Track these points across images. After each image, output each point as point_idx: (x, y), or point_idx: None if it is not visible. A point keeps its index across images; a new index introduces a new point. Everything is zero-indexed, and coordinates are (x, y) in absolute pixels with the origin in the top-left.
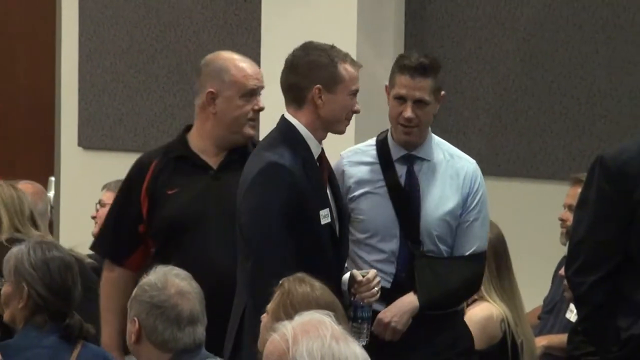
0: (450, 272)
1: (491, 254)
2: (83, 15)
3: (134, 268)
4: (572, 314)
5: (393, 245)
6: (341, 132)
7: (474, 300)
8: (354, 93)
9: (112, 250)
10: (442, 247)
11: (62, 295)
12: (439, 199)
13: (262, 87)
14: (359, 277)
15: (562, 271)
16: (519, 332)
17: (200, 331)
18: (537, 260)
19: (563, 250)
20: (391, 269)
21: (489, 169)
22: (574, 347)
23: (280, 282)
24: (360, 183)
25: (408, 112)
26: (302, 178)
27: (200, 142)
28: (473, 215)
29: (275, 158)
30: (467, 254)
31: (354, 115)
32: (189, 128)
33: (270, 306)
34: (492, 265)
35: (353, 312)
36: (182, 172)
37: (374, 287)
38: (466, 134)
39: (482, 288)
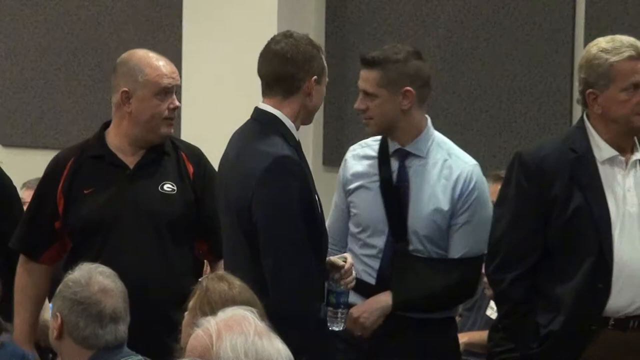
0: (434, 274)
1: None
2: (2, 12)
3: (48, 262)
4: (492, 311)
5: (381, 241)
6: (311, 122)
7: None
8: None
9: (27, 246)
10: (432, 248)
11: None
12: (428, 198)
13: (177, 85)
14: (341, 263)
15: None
16: None
17: (123, 329)
18: None
19: None
20: (377, 265)
21: None
22: (494, 344)
23: (200, 279)
24: (356, 176)
25: (356, 103)
26: (303, 166)
27: (117, 140)
28: (464, 218)
29: (277, 151)
30: (456, 257)
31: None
32: (107, 125)
33: (189, 304)
34: None
35: (335, 298)
36: (99, 171)
37: (352, 272)
38: None
39: None
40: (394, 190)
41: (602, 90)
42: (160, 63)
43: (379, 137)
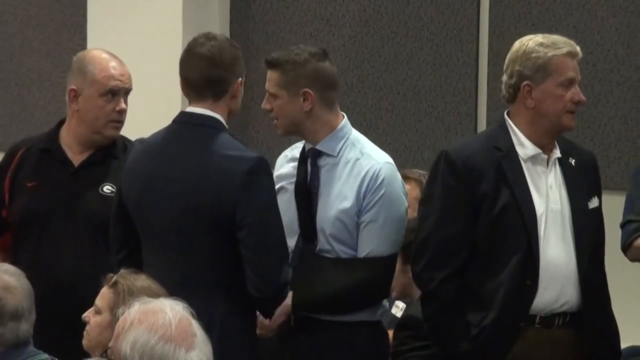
0: (338, 274)
1: None
2: None
3: (3, 249)
4: (397, 309)
5: (293, 242)
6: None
7: None
8: None
9: None
10: (340, 248)
11: None
12: (335, 197)
13: (125, 89)
14: None
15: None
16: None
17: (25, 328)
18: None
19: None
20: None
21: None
22: (400, 342)
23: (113, 279)
24: (280, 178)
25: (263, 102)
26: None
27: (67, 137)
28: (370, 216)
29: (250, 153)
30: (361, 256)
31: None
32: (65, 120)
33: (103, 304)
34: None
35: None
36: (44, 165)
37: None
38: None
39: None
40: (305, 190)
41: (539, 83)
42: (112, 64)
43: None
